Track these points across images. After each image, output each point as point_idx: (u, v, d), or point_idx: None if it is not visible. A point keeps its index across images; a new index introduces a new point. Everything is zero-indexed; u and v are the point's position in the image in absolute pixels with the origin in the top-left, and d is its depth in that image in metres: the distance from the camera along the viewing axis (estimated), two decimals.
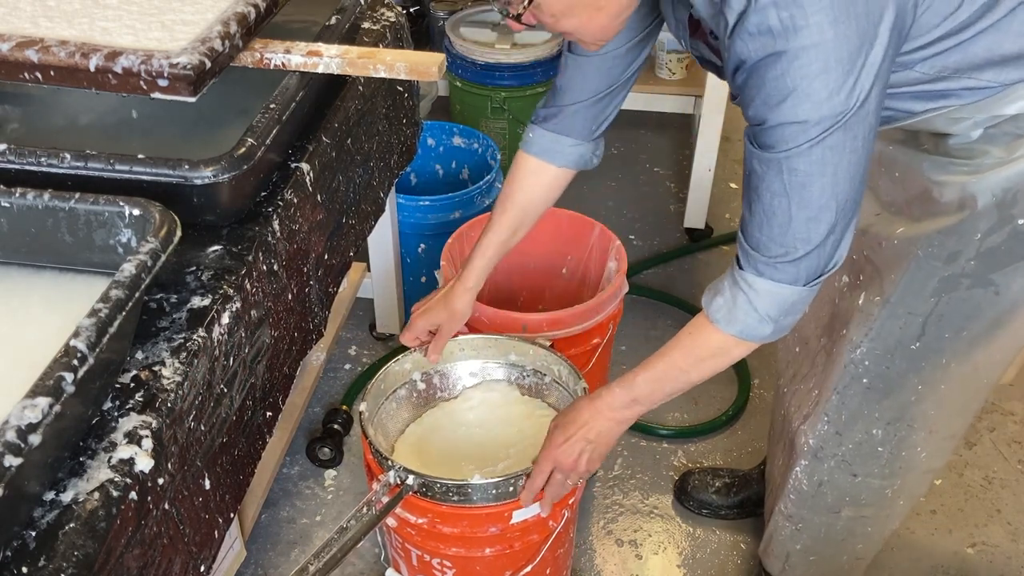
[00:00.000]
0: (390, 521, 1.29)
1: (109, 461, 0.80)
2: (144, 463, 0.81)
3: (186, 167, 0.98)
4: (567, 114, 1.29)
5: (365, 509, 1.18)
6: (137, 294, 0.79)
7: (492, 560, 1.32)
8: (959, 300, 1.14)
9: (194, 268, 1.01)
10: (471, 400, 1.48)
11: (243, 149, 1.02)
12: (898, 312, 1.19)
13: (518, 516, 1.25)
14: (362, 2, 1.36)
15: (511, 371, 1.49)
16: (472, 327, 1.53)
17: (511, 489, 1.22)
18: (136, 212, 0.88)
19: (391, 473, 1.22)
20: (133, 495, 0.79)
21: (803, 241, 0.99)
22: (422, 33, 2.85)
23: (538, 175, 1.36)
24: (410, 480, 1.21)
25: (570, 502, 1.32)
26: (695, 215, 2.51)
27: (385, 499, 1.21)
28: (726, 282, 1.07)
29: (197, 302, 0.96)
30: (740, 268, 1.05)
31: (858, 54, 0.90)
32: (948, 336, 1.18)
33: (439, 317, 1.43)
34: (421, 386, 1.48)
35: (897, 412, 1.28)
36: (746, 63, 0.92)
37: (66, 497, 0.77)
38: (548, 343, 1.46)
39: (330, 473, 1.88)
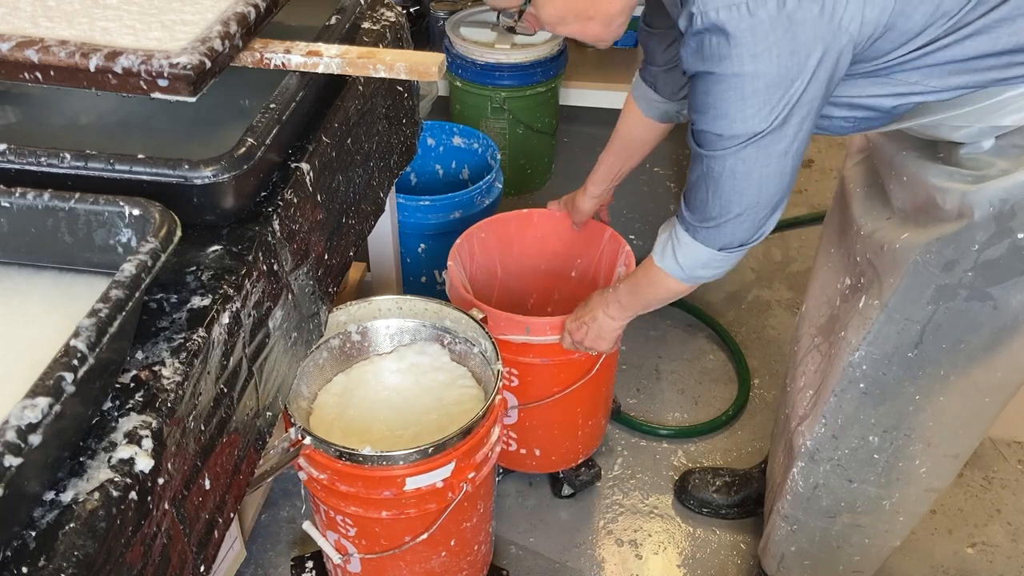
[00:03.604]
0: (301, 475, 1.37)
1: (109, 461, 0.80)
2: (144, 463, 0.81)
3: (186, 167, 0.98)
4: (652, 73, 1.45)
5: (262, 462, 1.23)
6: (137, 294, 0.79)
7: (390, 523, 1.37)
8: (957, 311, 1.14)
9: (194, 268, 1.01)
10: (403, 360, 1.54)
11: (243, 149, 1.02)
12: (895, 317, 1.19)
13: (411, 484, 1.30)
14: (362, 2, 1.36)
15: (444, 335, 1.55)
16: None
17: (400, 462, 1.28)
18: (136, 212, 0.87)
19: (292, 431, 1.30)
20: (133, 495, 0.79)
21: (716, 215, 1.11)
22: (422, 33, 2.85)
23: (636, 116, 1.53)
24: (307, 440, 1.30)
25: (469, 476, 1.35)
26: None
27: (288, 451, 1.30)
28: (671, 224, 1.21)
29: (197, 302, 0.96)
30: (677, 219, 1.18)
31: (777, 86, 0.96)
32: (946, 347, 1.18)
33: (569, 207, 1.78)
34: (356, 338, 1.54)
35: (893, 420, 1.28)
36: (687, 72, 1.01)
37: (66, 497, 0.76)
38: (481, 316, 1.51)
39: None
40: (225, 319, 0.97)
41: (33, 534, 0.73)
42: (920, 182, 1.14)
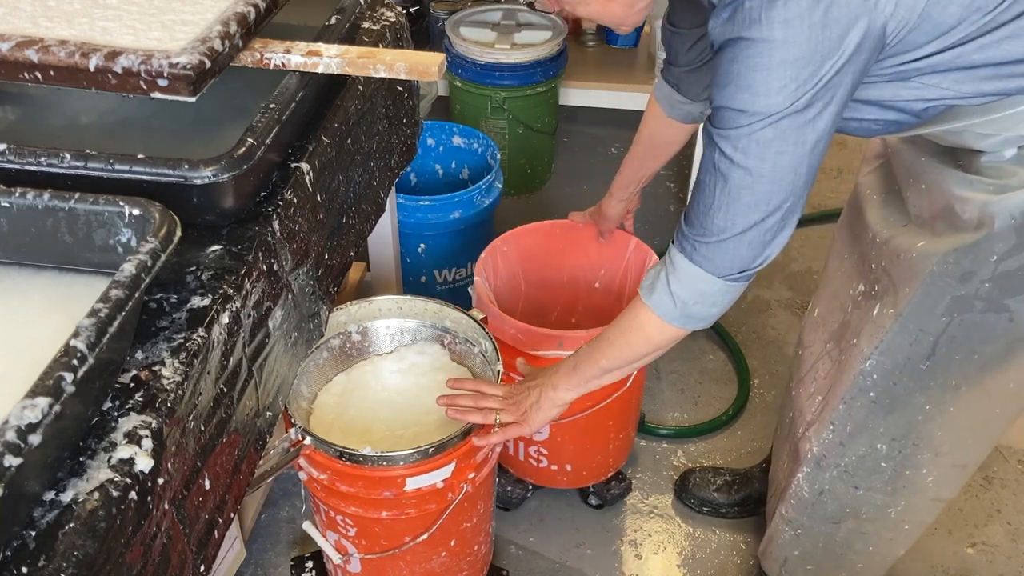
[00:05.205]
0: (302, 475, 1.37)
1: (109, 461, 0.80)
2: (144, 463, 0.81)
3: (186, 167, 0.98)
4: (675, 74, 1.43)
5: (262, 462, 1.24)
6: (137, 294, 0.79)
7: (390, 523, 1.37)
8: (972, 323, 1.12)
9: (194, 268, 1.01)
10: (403, 360, 1.54)
11: (243, 149, 1.02)
12: (908, 328, 1.17)
13: (412, 484, 1.30)
14: (362, 2, 1.35)
15: (444, 335, 1.55)
16: (506, 342, 1.55)
17: (401, 463, 1.27)
18: (136, 212, 0.87)
19: (292, 431, 1.30)
20: (133, 495, 0.79)
21: (720, 228, 1.02)
22: (422, 33, 2.85)
23: (659, 118, 1.52)
24: (308, 440, 1.30)
25: (470, 477, 1.35)
26: None
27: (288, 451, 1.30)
28: (662, 260, 1.13)
29: (197, 302, 0.96)
30: (672, 244, 1.10)
31: (807, 62, 0.91)
32: (959, 359, 1.16)
33: (595, 217, 1.76)
34: (356, 338, 1.54)
35: (902, 429, 1.26)
36: (714, 45, 0.97)
37: (66, 497, 0.76)
38: (481, 316, 1.51)
39: None
40: (225, 319, 0.97)
41: (33, 534, 0.73)
42: (939, 190, 1.12)
